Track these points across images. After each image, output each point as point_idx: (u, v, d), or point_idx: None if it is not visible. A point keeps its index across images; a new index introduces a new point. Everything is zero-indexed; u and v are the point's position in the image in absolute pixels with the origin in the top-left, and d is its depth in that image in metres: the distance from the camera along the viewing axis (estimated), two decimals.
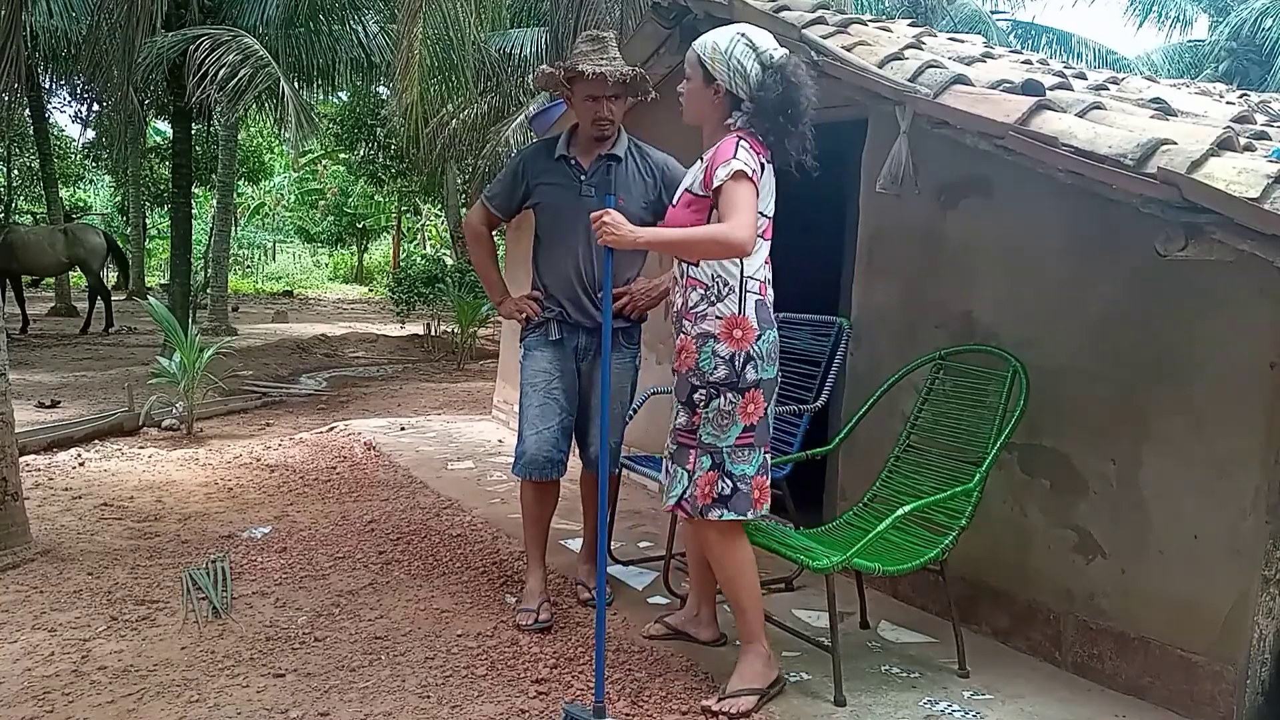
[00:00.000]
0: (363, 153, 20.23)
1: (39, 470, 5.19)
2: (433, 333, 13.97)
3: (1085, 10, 75.19)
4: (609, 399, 3.08)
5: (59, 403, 7.77)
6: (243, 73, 9.52)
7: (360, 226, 29.89)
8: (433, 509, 4.62)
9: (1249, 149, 2.61)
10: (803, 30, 3.38)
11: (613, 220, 2.54)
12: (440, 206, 23.21)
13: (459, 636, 3.11)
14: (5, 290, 12.75)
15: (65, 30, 11.67)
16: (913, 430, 3.23)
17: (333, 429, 6.64)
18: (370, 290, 27.73)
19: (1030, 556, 3.11)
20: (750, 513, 2.64)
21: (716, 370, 2.58)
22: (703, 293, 2.61)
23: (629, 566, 3.82)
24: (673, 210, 2.74)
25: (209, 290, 15.49)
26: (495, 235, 3.74)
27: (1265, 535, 2.52)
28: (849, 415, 3.51)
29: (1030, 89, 2.88)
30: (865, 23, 3.82)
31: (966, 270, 3.37)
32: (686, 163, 2.89)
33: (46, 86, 15.29)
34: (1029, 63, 4.37)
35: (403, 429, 6.70)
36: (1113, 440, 2.89)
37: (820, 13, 3.59)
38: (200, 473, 5.39)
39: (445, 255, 20.86)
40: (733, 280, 2.58)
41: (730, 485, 2.61)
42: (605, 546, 2.79)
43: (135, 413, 6.72)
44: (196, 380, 6.88)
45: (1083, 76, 4.35)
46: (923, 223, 3.51)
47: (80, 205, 25.76)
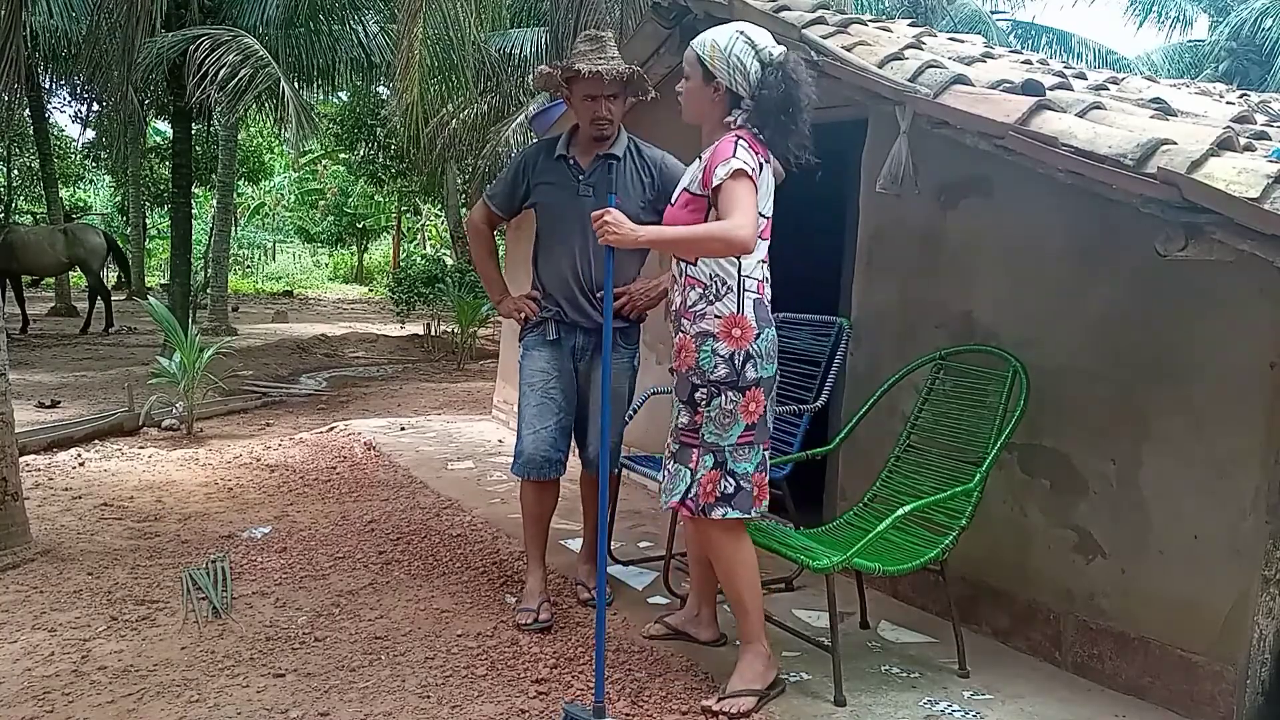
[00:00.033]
0: (363, 153, 20.23)
1: (39, 470, 5.19)
2: (433, 333, 13.97)
3: (1085, 10, 75.25)
4: (609, 399, 3.08)
5: (59, 403, 7.77)
6: (243, 73, 9.51)
7: (360, 226, 29.88)
8: (433, 509, 4.62)
9: (1249, 149, 2.61)
10: (803, 30, 3.38)
11: (614, 219, 2.52)
12: (440, 206, 23.21)
13: (459, 636, 3.11)
14: (5, 290, 12.75)
15: (65, 30, 11.66)
16: (913, 430, 3.23)
17: (333, 429, 6.64)
18: (370, 290, 27.72)
19: (1030, 556, 3.11)
20: (752, 510, 2.65)
21: (717, 369, 2.58)
22: (701, 292, 2.61)
23: (629, 566, 3.82)
24: (671, 209, 2.74)
25: (209, 290, 15.49)
26: (496, 235, 3.74)
27: (1265, 535, 2.52)
28: (849, 415, 3.51)
29: (1030, 89, 2.88)
30: (865, 23, 3.82)
31: (966, 270, 3.37)
32: (687, 163, 2.89)
33: (46, 86, 15.29)
34: (1029, 63, 4.37)
35: (403, 429, 6.70)
36: (1113, 440, 2.89)
37: (820, 13, 3.59)
38: (200, 473, 5.39)
39: (445, 255, 20.85)
40: (731, 280, 2.58)
41: (734, 484, 2.62)
42: (605, 546, 2.79)
43: (135, 413, 6.72)
44: (196, 380, 6.88)
45: (1083, 76, 4.35)
46: (923, 223, 3.52)
47: (80, 205, 25.75)
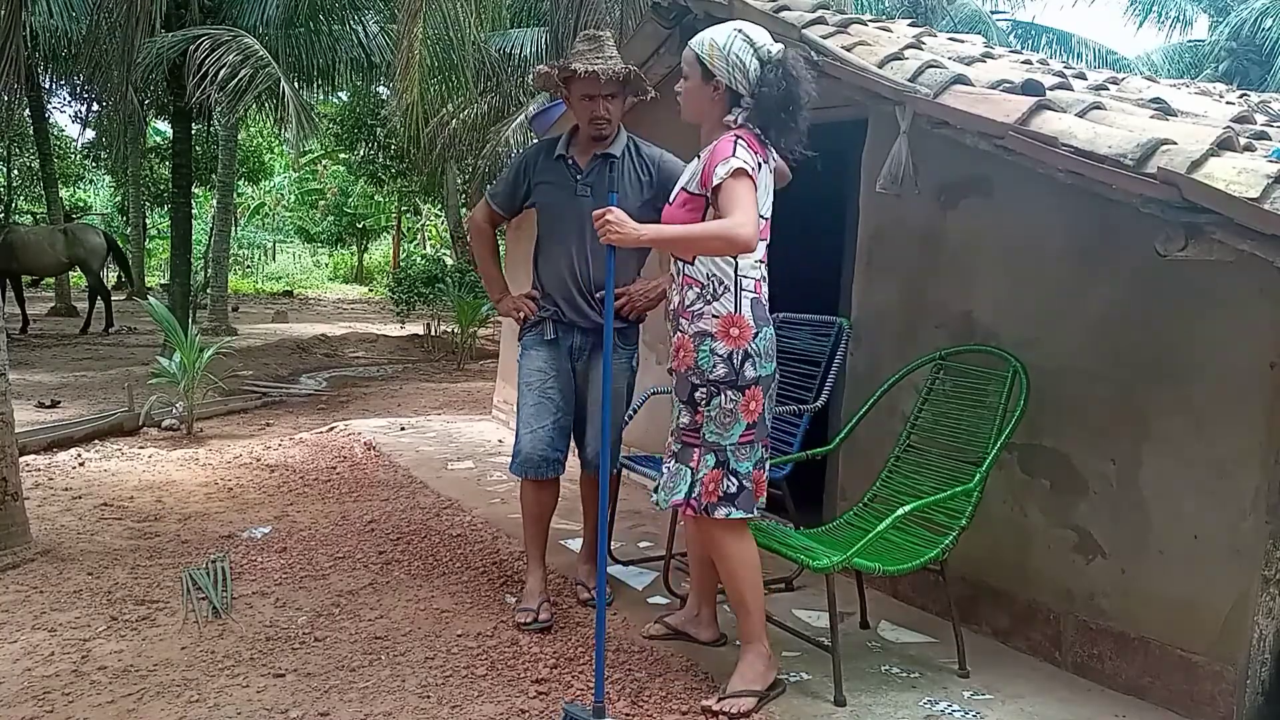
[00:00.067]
0: (363, 153, 20.22)
1: (39, 470, 5.19)
2: (433, 333, 13.97)
3: (1085, 10, 75.26)
4: (610, 399, 3.07)
5: (59, 403, 7.77)
6: (243, 73, 9.51)
7: (360, 226, 29.88)
8: (433, 509, 4.62)
9: (1249, 149, 2.61)
10: (803, 30, 3.38)
11: (616, 218, 2.50)
12: (440, 206, 23.20)
13: (459, 636, 3.11)
14: (5, 290, 12.75)
15: (65, 30, 11.66)
16: (913, 430, 3.23)
17: (333, 429, 6.64)
18: (370, 290, 27.72)
19: (1030, 556, 3.11)
20: (754, 509, 2.66)
21: (716, 368, 2.58)
22: (699, 291, 2.61)
23: (629, 566, 3.82)
24: (669, 208, 2.73)
25: (209, 290, 15.50)
26: (497, 234, 3.73)
27: (1265, 535, 2.52)
28: (849, 415, 3.51)
29: (1030, 89, 2.88)
30: (865, 23, 3.82)
31: (966, 270, 3.37)
32: (687, 162, 2.88)
33: (46, 86, 15.29)
34: (1029, 63, 4.37)
35: (403, 429, 6.70)
36: (1113, 440, 2.89)
37: (820, 13, 3.59)
38: (200, 473, 5.39)
39: (445, 255, 20.86)
40: (728, 279, 2.58)
41: (736, 484, 2.62)
42: (605, 546, 2.79)
43: (135, 413, 6.72)
44: (196, 380, 6.88)
45: (1083, 76, 4.35)
46: (923, 223, 3.51)
47: (80, 205, 25.75)
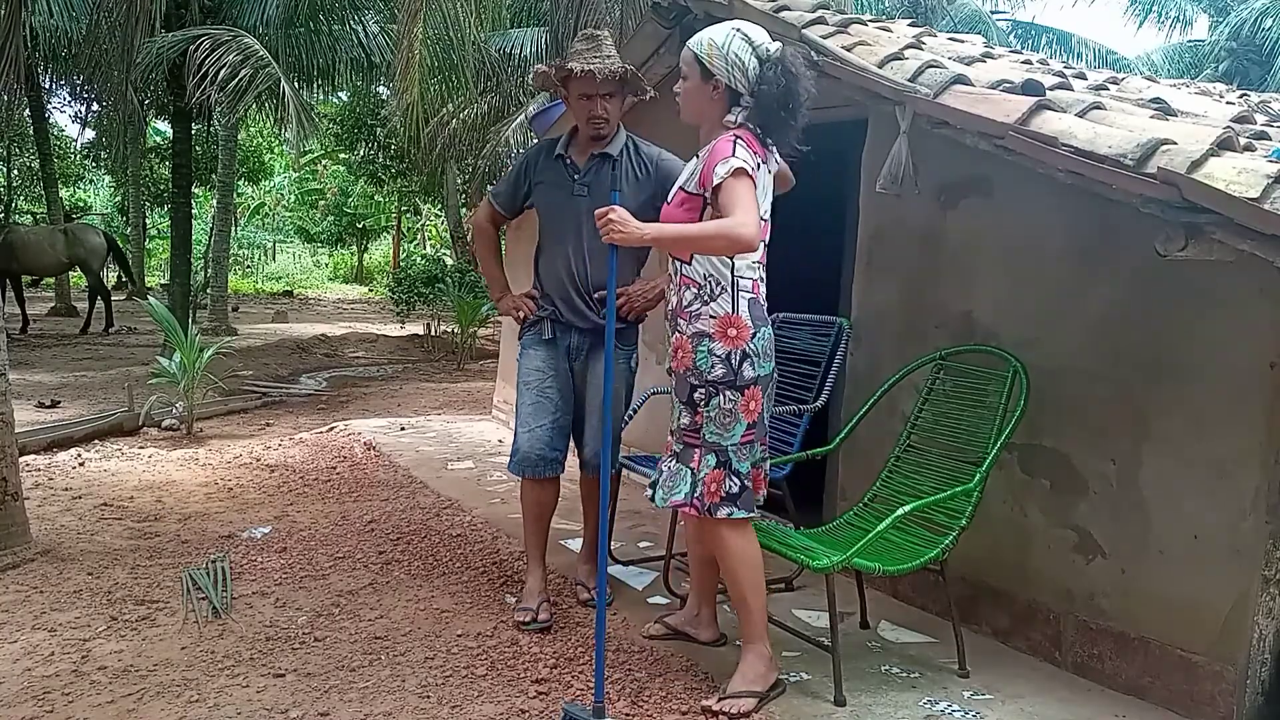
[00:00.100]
0: (363, 153, 20.22)
1: (39, 470, 5.19)
2: (433, 333, 13.97)
3: (1085, 10, 75.23)
4: (611, 399, 3.07)
5: (59, 403, 7.77)
6: (243, 73, 9.50)
7: (360, 226, 29.88)
8: (433, 509, 4.62)
9: (1249, 149, 2.61)
10: (803, 30, 3.38)
11: (619, 217, 2.49)
12: (440, 206, 23.20)
13: (459, 636, 3.12)
14: (5, 290, 12.75)
15: (65, 30, 11.66)
16: (913, 430, 3.23)
17: (333, 429, 6.64)
18: (370, 290, 27.72)
19: (1030, 556, 3.11)
20: (754, 508, 2.67)
21: (714, 369, 2.58)
22: (696, 292, 2.61)
23: (629, 566, 3.82)
24: (667, 208, 2.73)
25: (209, 290, 15.50)
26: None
27: (1265, 535, 2.52)
28: (849, 415, 3.51)
29: (1030, 89, 2.88)
30: (865, 23, 3.82)
31: (966, 270, 3.37)
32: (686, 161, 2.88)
33: (46, 86, 15.28)
34: (1029, 63, 4.36)
35: (403, 429, 6.70)
36: (1113, 440, 2.89)
37: (820, 13, 3.59)
38: (200, 473, 5.39)
39: (445, 255, 20.86)
40: (725, 280, 2.58)
41: (738, 483, 2.62)
42: (606, 546, 2.79)
43: (135, 413, 6.72)
44: (196, 380, 6.88)
45: (1083, 76, 4.35)
46: (923, 223, 3.51)
47: (80, 205, 25.76)
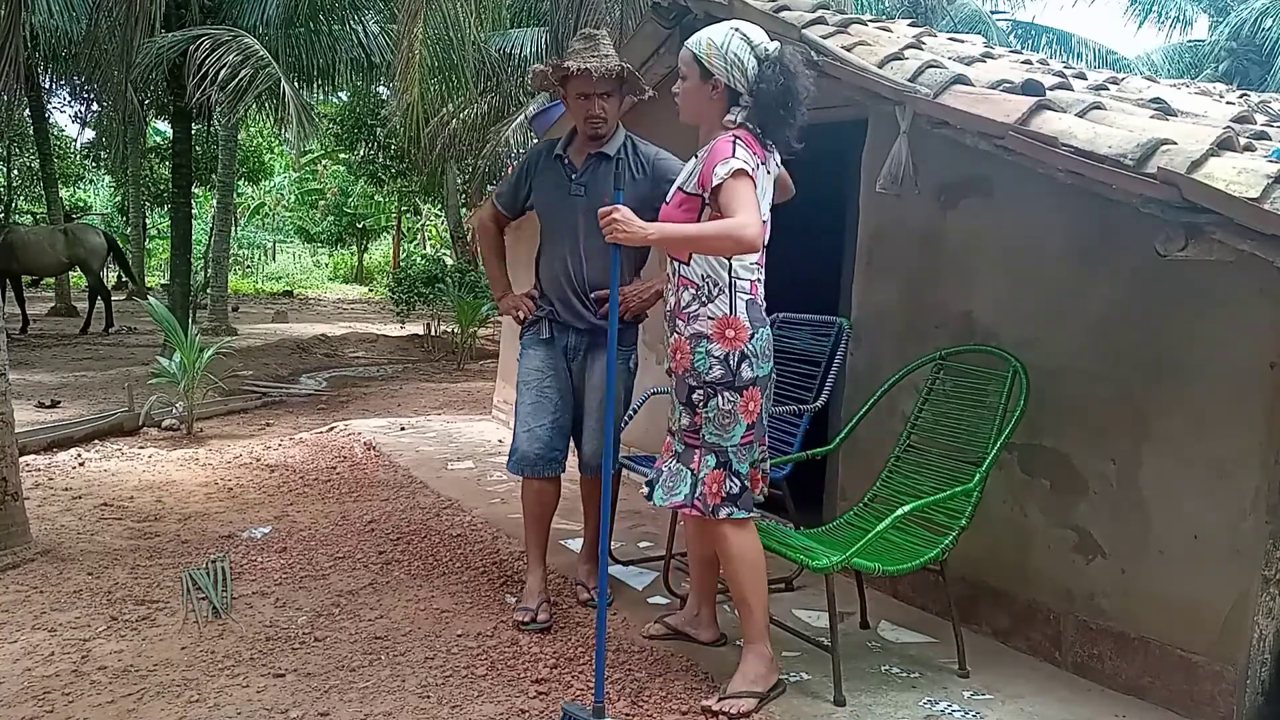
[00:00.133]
0: (363, 153, 20.24)
1: (39, 470, 5.19)
2: (433, 333, 13.97)
3: (1085, 10, 75.28)
4: (613, 401, 3.06)
5: (59, 403, 7.77)
6: (243, 73, 9.50)
7: (360, 226, 29.89)
8: (433, 509, 4.62)
9: (1249, 149, 2.61)
10: (803, 30, 3.38)
11: (623, 217, 2.47)
12: (440, 206, 23.21)
13: (459, 636, 3.12)
14: (5, 290, 12.75)
15: (65, 30, 11.66)
16: (913, 430, 3.23)
17: (333, 429, 6.64)
18: (370, 290, 27.73)
19: (1030, 556, 3.11)
20: (753, 507, 2.67)
21: (712, 370, 2.58)
22: (694, 293, 2.61)
23: (629, 566, 3.82)
24: (665, 208, 2.72)
25: (209, 290, 15.50)
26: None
27: (1265, 535, 2.52)
28: (849, 415, 3.51)
29: (1030, 89, 2.88)
30: (865, 23, 3.82)
31: (966, 270, 3.37)
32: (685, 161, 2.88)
33: (46, 86, 15.29)
34: (1029, 63, 4.36)
35: (403, 429, 6.70)
36: (1113, 440, 2.89)
37: (820, 13, 3.59)
38: (200, 473, 5.39)
39: (445, 255, 20.85)
40: (722, 281, 2.58)
41: (738, 484, 2.62)
42: (606, 547, 2.79)
43: (135, 413, 6.72)
44: (196, 380, 6.88)
45: (1083, 76, 4.35)
46: (923, 223, 3.51)
47: (80, 205, 25.76)
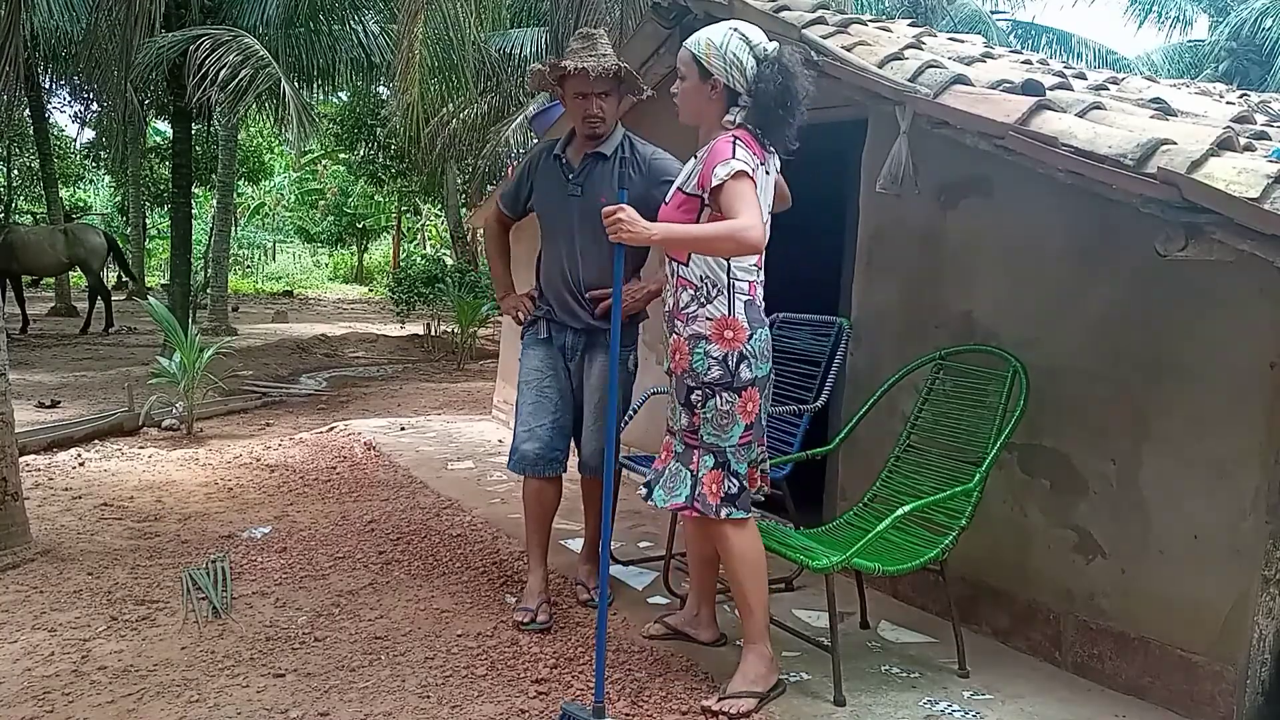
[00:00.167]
0: (363, 153, 20.24)
1: (39, 470, 5.19)
2: (433, 333, 13.97)
3: (1085, 10, 75.30)
4: (615, 401, 3.05)
5: (59, 403, 7.77)
6: (243, 73, 9.50)
7: (360, 226, 29.89)
8: (433, 509, 4.62)
9: (1249, 149, 2.61)
10: (803, 30, 3.38)
11: (628, 216, 2.45)
12: (440, 206, 23.22)
13: (459, 636, 3.12)
14: (5, 290, 12.75)
15: (65, 30, 11.66)
16: (913, 430, 3.23)
17: (333, 429, 6.64)
18: (370, 290, 27.73)
19: (1030, 556, 3.11)
20: (751, 507, 2.67)
21: (710, 371, 2.58)
22: (693, 294, 2.61)
23: (629, 566, 3.82)
24: (665, 209, 2.72)
25: (209, 290, 15.50)
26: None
27: (1265, 535, 2.52)
28: (849, 415, 3.51)
29: (1030, 89, 2.88)
30: (865, 23, 3.82)
31: (966, 270, 3.37)
32: (685, 162, 2.87)
33: (46, 86, 15.29)
34: (1029, 63, 4.37)
35: (403, 429, 6.70)
36: (1113, 440, 2.89)
37: (820, 13, 3.59)
38: (200, 473, 5.39)
39: (445, 255, 20.86)
40: (721, 282, 2.58)
41: (737, 484, 2.63)
42: (607, 547, 2.79)
43: (135, 413, 6.72)
44: (196, 380, 6.87)
45: (1083, 76, 4.35)
46: (923, 223, 3.51)
47: (80, 205, 25.76)
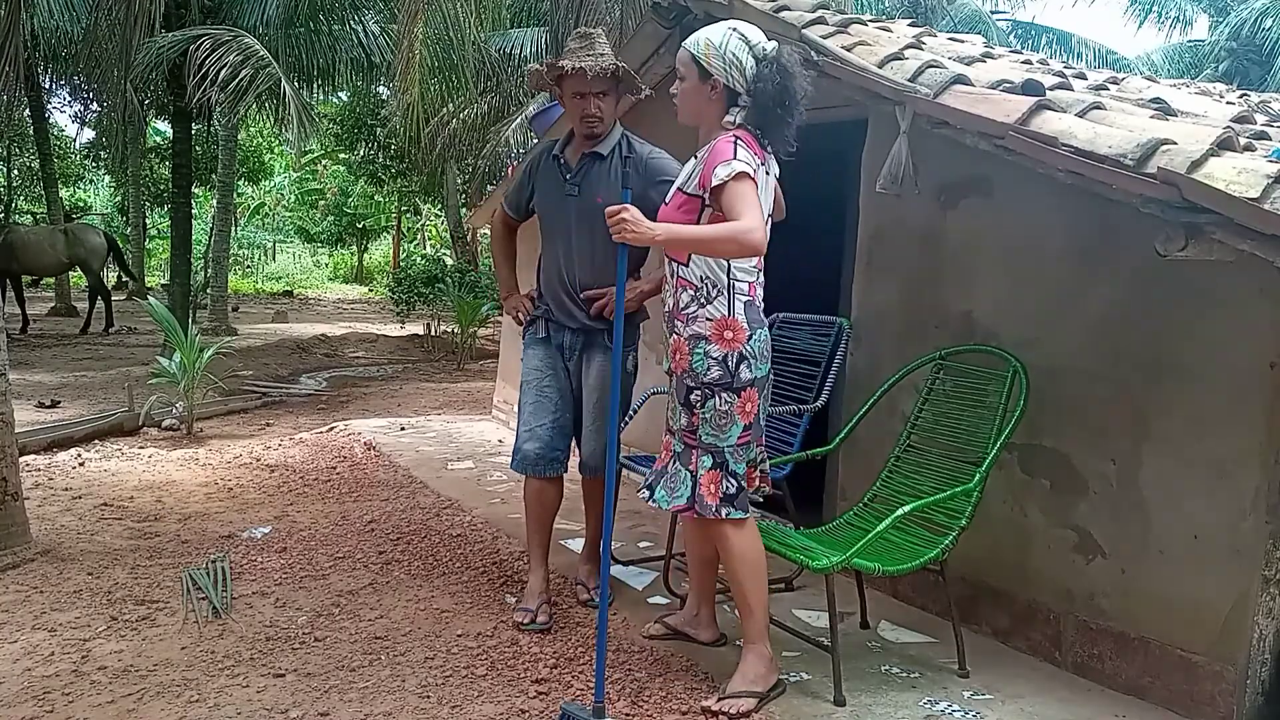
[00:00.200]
0: (363, 153, 20.24)
1: (39, 470, 5.19)
2: (433, 333, 13.97)
3: (1085, 10, 75.31)
4: (617, 401, 3.04)
5: (59, 403, 7.77)
6: (244, 73, 9.49)
7: (360, 226, 29.89)
8: (433, 509, 4.62)
9: (1249, 149, 2.61)
10: (803, 30, 3.38)
11: (633, 217, 2.45)
12: (440, 206, 23.22)
13: (459, 636, 3.12)
14: (5, 290, 12.75)
15: (65, 30, 11.66)
16: (913, 430, 3.23)
17: (333, 429, 6.64)
18: (370, 290, 27.72)
19: (1030, 556, 3.11)
20: (749, 507, 2.68)
21: (710, 371, 2.58)
22: (693, 294, 2.61)
23: (629, 566, 3.82)
24: (665, 209, 2.72)
25: (209, 290, 15.49)
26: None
27: (1265, 535, 2.52)
28: (849, 415, 3.51)
29: (1030, 89, 2.88)
30: (865, 23, 3.82)
31: (966, 270, 3.37)
32: (684, 162, 2.87)
33: (46, 86, 15.29)
34: (1029, 63, 4.37)
35: (403, 429, 6.70)
36: (1113, 440, 2.89)
37: (820, 13, 3.59)
38: (200, 473, 5.39)
39: (445, 255, 20.86)
40: (721, 283, 2.58)
41: (735, 484, 2.63)
42: (608, 547, 2.79)
43: (135, 413, 6.72)
44: (196, 380, 6.87)
45: (1083, 76, 4.35)
46: (923, 223, 3.51)
47: (80, 205, 25.76)
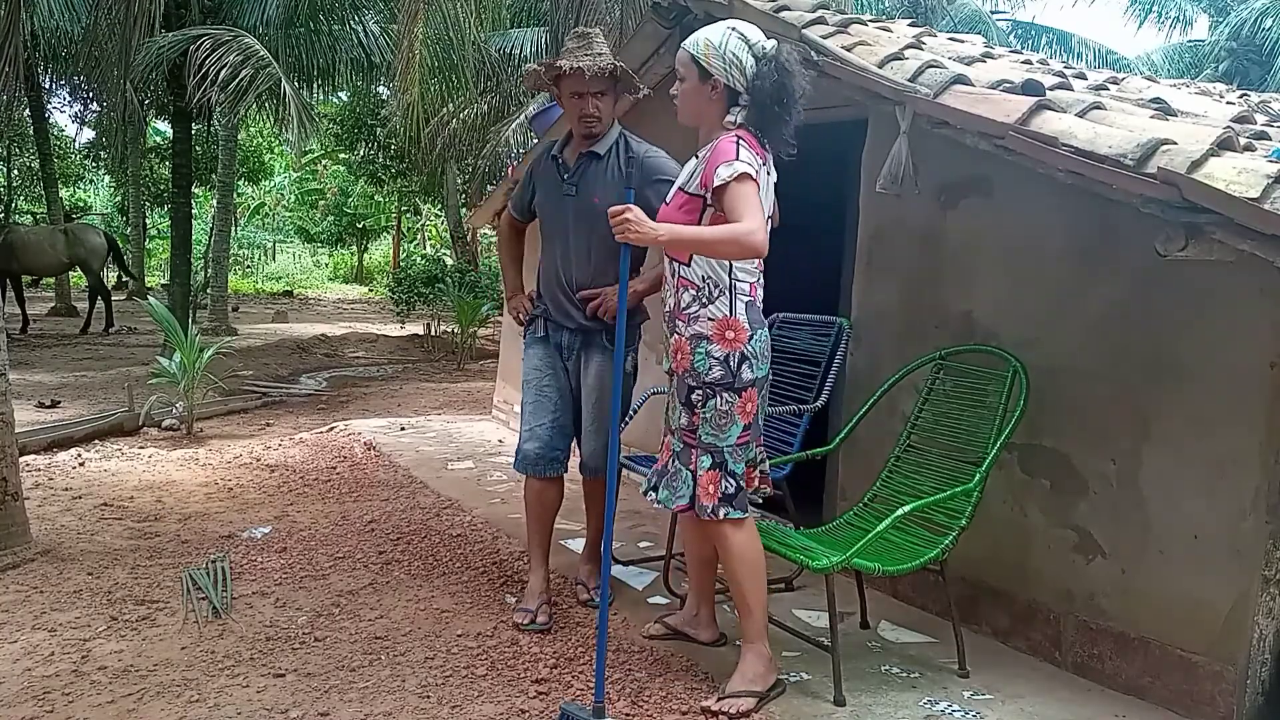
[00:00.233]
0: (363, 153, 20.23)
1: (39, 470, 5.19)
2: (433, 333, 13.96)
3: (1085, 10, 75.28)
4: (619, 402, 3.04)
5: (59, 403, 7.77)
6: (244, 73, 9.49)
7: (360, 226, 29.88)
8: (433, 509, 4.62)
9: (1249, 149, 2.61)
10: (803, 30, 3.38)
11: (636, 217, 2.45)
12: (440, 206, 23.21)
13: (459, 636, 3.12)
14: (5, 290, 12.74)
15: (65, 30, 11.66)
16: (913, 430, 3.23)
17: (333, 429, 6.64)
18: (370, 290, 27.71)
19: (1030, 556, 3.11)
20: (748, 506, 2.68)
21: (712, 371, 2.58)
22: (694, 294, 2.62)
23: (629, 566, 3.82)
24: (665, 209, 2.72)
25: (209, 290, 15.49)
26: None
27: (1265, 535, 2.52)
28: (849, 415, 3.51)
29: (1030, 89, 2.88)
30: (865, 23, 3.82)
31: (966, 270, 3.37)
32: (683, 161, 2.87)
33: (46, 86, 15.28)
34: (1029, 63, 4.37)
35: (403, 429, 6.70)
36: (1113, 440, 2.89)
37: (820, 13, 3.59)
38: (200, 473, 5.39)
39: (445, 255, 20.85)
40: (722, 283, 2.59)
41: (734, 484, 2.63)
42: (609, 547, 2.79)
43: (135, 413, 6.72)
44: (196, 380, 6.87)
45: (1083, 76, 4.35)
46: (923, 223, 3.51)
47: (80, 205, 25.75)
